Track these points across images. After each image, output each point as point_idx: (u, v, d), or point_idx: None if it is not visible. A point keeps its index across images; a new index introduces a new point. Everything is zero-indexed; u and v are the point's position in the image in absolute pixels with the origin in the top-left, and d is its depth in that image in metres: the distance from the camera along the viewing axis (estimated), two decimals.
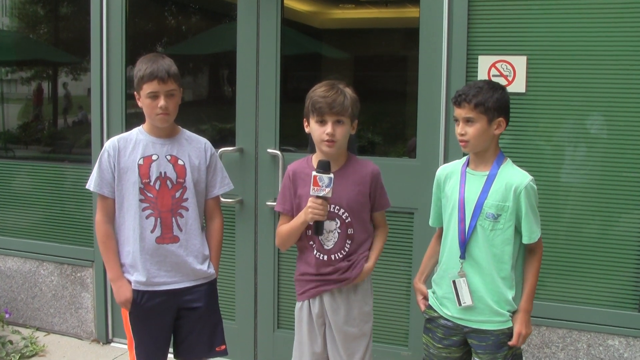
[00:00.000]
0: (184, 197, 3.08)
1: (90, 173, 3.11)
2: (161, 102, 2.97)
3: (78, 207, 4.92)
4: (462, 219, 2.81)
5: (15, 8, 5.29)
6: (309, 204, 2.78)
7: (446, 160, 3.73)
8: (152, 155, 3.06)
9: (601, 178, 3.57)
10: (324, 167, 2.75)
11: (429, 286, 3.06)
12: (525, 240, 2.79)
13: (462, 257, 2.82)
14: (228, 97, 4.40)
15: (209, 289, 3.21)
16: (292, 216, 2.97)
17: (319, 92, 2.84)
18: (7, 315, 4.96)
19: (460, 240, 2.82)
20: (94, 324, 4.91)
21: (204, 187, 3.18)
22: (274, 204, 3.26)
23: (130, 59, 4.65)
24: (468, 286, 2.80)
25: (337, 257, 2.92)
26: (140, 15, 4.76)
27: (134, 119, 4.64)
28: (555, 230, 3.64)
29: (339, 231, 2.91)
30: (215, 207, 3.28)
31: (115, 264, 3.10)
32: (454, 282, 2.83)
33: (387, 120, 4.35)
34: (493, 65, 3.63)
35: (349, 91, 2.89)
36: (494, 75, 3.61)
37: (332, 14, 4.63)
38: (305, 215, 2.82)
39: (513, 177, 2.77)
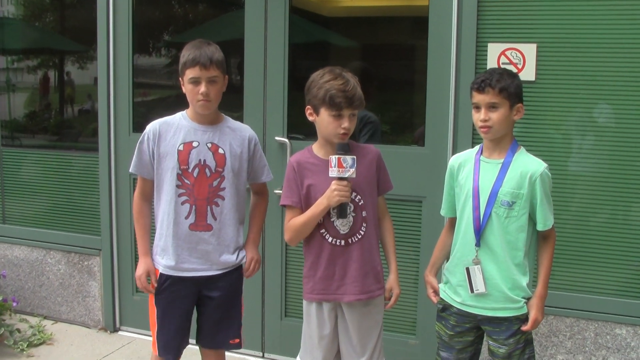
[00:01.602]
0: (222, 186, 3.07)
1: (97, 161, 3.12)
2: (202, 88, 2.96)
3: (85, 195, 4.93)
4: (476, 207, 2.81)
5: None
6: (332, 187, 2.78)
7: (455, 149, 3.72)
8: (192, 141, 3.05)
9: (610, 167, 3.56)
10: (344, 148, 2.77)
11: (439, 279, 3.06)
12: (540, 228, 2.80)
13: (478, 244, 2.83)
14: (236, 86, 4.39)
15: (234, 279, 3.20)
16: (301, 208, 2.95)
17: (335, 84, 2.79)
18: (14, 304, 4.97)
19: (475, 227, 2.82)
20: (101, 312, 4.92)
21: (245, 177, 3.18)
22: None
23: (137, 48, 4.65)
24: (482, 274, 2.81)
25: (354, 240, 2.92)
26: (147, 3, 4.74)
27: (141, 107, 4.65)
28: (564, 219, 3.63)
29: (354, 214, 2.91)
30: (263, 188, 3.35)
31: (143, 240, 3.15)
32: (467, 269, 2.83)
33: (396, 108, 4.34)
34: (503, 52, 3.61)
35: (357, 81, 2.88)
36: (503, 63, 3.59)
37: (341, 2, 4.61)
38: (329, 199, 2.80)
39: (528, 164, 2.79)
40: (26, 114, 5.39)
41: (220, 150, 3.07)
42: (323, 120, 2.84)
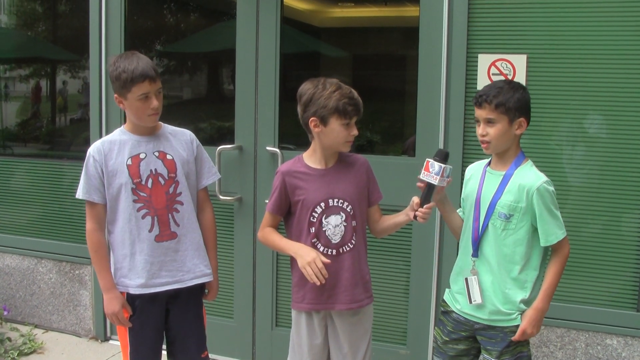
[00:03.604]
0: (178, 191, 3.03)
1: None
2: (154, 102, 2.91)
3: (76, 204, 4.90)
4: (476, 218, 2.83)
5: (13, 5, 5.29)
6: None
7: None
8: (139, 153, 2.98)
9: (601, 177, 3.57)
10: (442, 155, 2.78)
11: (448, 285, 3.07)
12: (542, 243, 2.76)
13: (475, 255, 2.83)
14: (227, 95, 4.40)
15: (197, 292, 3.17)
16: (281, 216, 3.00)
17: (343, 94, 2.82)
18: (5, 313, 4.96)
19: (473, 238, 2.83)
20: (92, 321, 4.91)
21: (194, 180, 3.14)
22: None
23: None
24: (479, 284, 2.81)
25: (345, 250, 2.93)
26: (139, 13, 4.75)
27: None
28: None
29: (345, 224, 2.92)
30: (206, 197, 3.23)
31: (107, 273, 3.02)
32: (466, 279, 2.84)
33: (386, 119, 4.35)
34: (493, 63, 3.63)
35: None
36: (493, 74, 3.61)
37: (332, 13, 4.62)
38: (303, 258, 2.82)
39: (527, 178, 2.75)
40: (18, 122, 5.39)
41: (169, 156, 3.03)
42: (333, 130, 2.85)
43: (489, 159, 2.94)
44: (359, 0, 4.48)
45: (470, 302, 2.83)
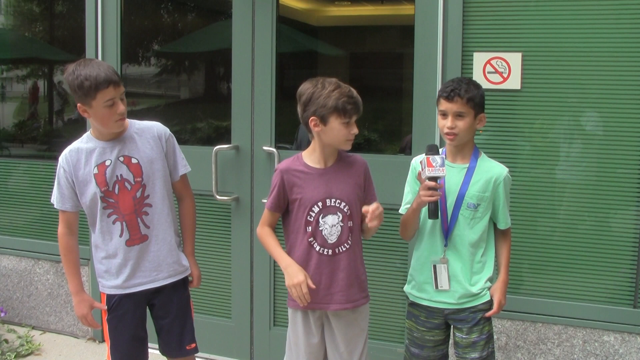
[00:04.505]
0: (145, 194, 3.03)
1: None
2: (120, 107, 2.88)
3: None
4: (443, 209, 2.95)
5: (10, 6, 5.29)
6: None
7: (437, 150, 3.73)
8: (105, 161, 2.97)
9: (597, 174, 3.57)
10: (433, 149, 2.81)
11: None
12: (502, 227, 3.04)
13: (446, 245, 2.98)
14: (224, 95, 4.40)
15: (181, 286, 3.20)
16: (280, 213, 3.01)
17: (342, 93, 2.83)
18: (2, 314, 4.96)
19: (444, 229, 2.98)
20: None
21: (167, 174, 3.12)
22: None
23: (126, 57, 4.65)
24: (447, 272, 2.97)
25: (341, 250, 2.94)
26: (136, 13, 4.75)
27: (129, 116, 4.62)
28: (551, 227, 3.65)
29: (342, 224, 2.92)
30: (183, 187, 3.23)
31: (75, 277, 3.08)
32: (434, 266, 2.99)
33: (383, 117, 4.35)
34: (488, 62, 3.63)
35: None
36: (489, 72, 3.62)
37: (328, 11, 4.63)
38: (291, 275, 2.86)
39: (492, 169, 2.97)
40: (15, 123, 5.39)
41: (134, 160, 3.01)
42: (333, 128, 2.85)
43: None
44: None
45: (437, 287, 2.99)
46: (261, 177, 4.24)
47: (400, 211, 3.15)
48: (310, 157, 2.97)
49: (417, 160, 3.06)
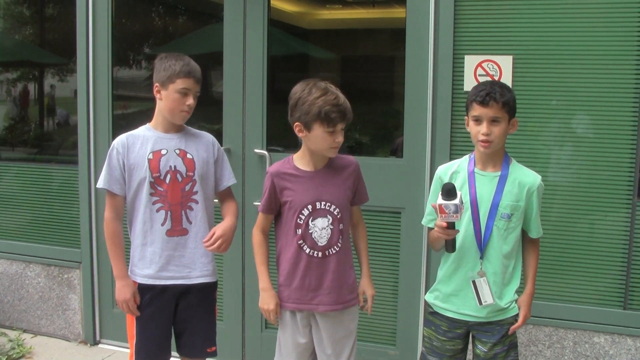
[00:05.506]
0: (194, 190, 3.11)
1: (77, 174, 3.09)
2: (191, 100, 3.05)
3: (65, 208, 4.90)
4: (476, 219, 2.82)
5: (0, 9, 5.26)
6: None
7: (433, 160, 3.74)
8: (161, 149, 3.08)
9: (587, 177, 3.59)
10: (449, 194, 2.63)
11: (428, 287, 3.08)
12: (534, 235, 2.90)
13: (482, 257, 2.84)
14: (215, 98, 4.40)
15: (209, 288, 3.24)
16: (273, 215, 3.03)
17: (327, 100, 2.77)
18: None
19: (478, 240, 2.82)
20: (81, 325, 4.89)
21: (212, 181, 3.22)
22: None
23: (117, 60, 4.65)
24: (489, 285, 2.83)
25: (331, 253, 2.94)
26: (127, 16, 4.74)
27: (120, 120, 4.64)
28: (543, 229, 3.66)
29: (332, 227, 2.92)
30: (229, 193, 3.33)
31: (121, 262, 3.11)
32: (474, 282, 2.84)
33: (374, 120, 4.36)
34: (479, 65, 3.65)
35: (341, 93, 2.87)
36: (480, 75, 3.63)
37: (319, 15, 4.63)
38: (267, 305, 3.01)
39: (525, 177, 2.83)
40: (5, 126, 5.37)
41: (189, 156, 3.12)
42: (317, 136, 2.82)
43: (465, 158, 2.94)
44: (346, 2, 4.50)
45: (481, 303, 2.84)
46: (253, 180, 4.24)
47: (422, 222, 3.07)
48: (300, 160, 2.97)
49: (442, 170, 2.97)
